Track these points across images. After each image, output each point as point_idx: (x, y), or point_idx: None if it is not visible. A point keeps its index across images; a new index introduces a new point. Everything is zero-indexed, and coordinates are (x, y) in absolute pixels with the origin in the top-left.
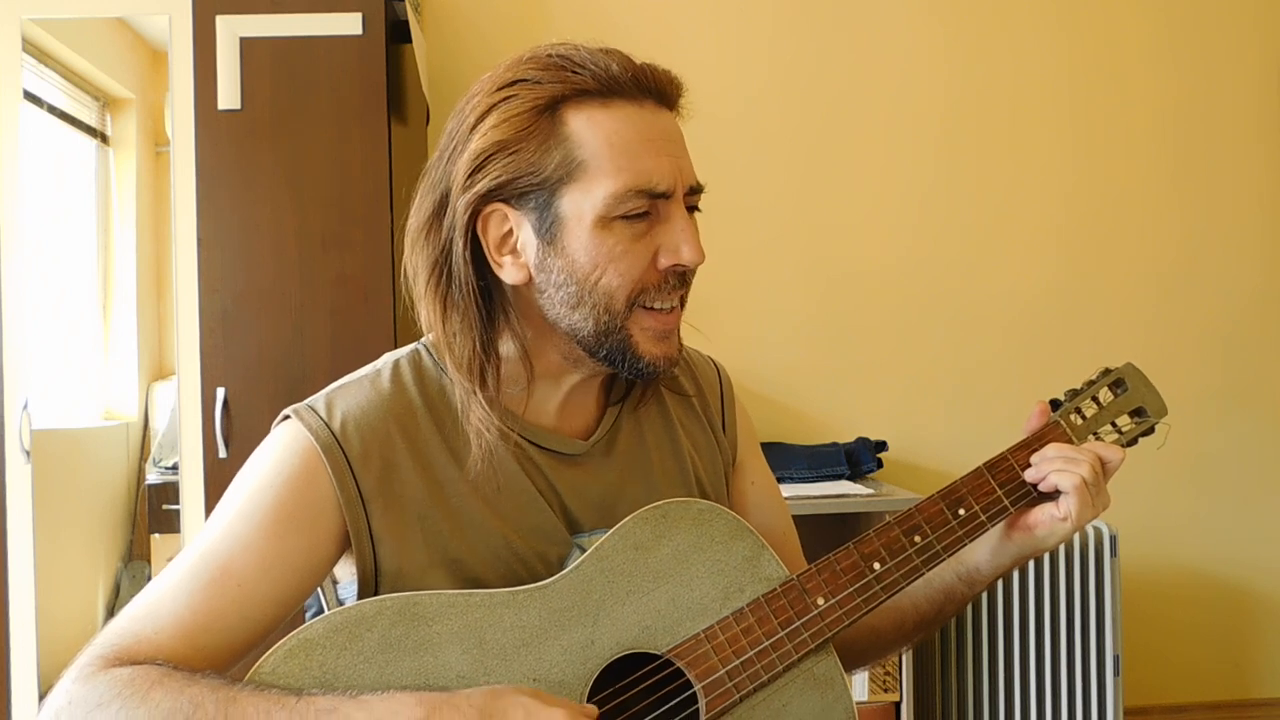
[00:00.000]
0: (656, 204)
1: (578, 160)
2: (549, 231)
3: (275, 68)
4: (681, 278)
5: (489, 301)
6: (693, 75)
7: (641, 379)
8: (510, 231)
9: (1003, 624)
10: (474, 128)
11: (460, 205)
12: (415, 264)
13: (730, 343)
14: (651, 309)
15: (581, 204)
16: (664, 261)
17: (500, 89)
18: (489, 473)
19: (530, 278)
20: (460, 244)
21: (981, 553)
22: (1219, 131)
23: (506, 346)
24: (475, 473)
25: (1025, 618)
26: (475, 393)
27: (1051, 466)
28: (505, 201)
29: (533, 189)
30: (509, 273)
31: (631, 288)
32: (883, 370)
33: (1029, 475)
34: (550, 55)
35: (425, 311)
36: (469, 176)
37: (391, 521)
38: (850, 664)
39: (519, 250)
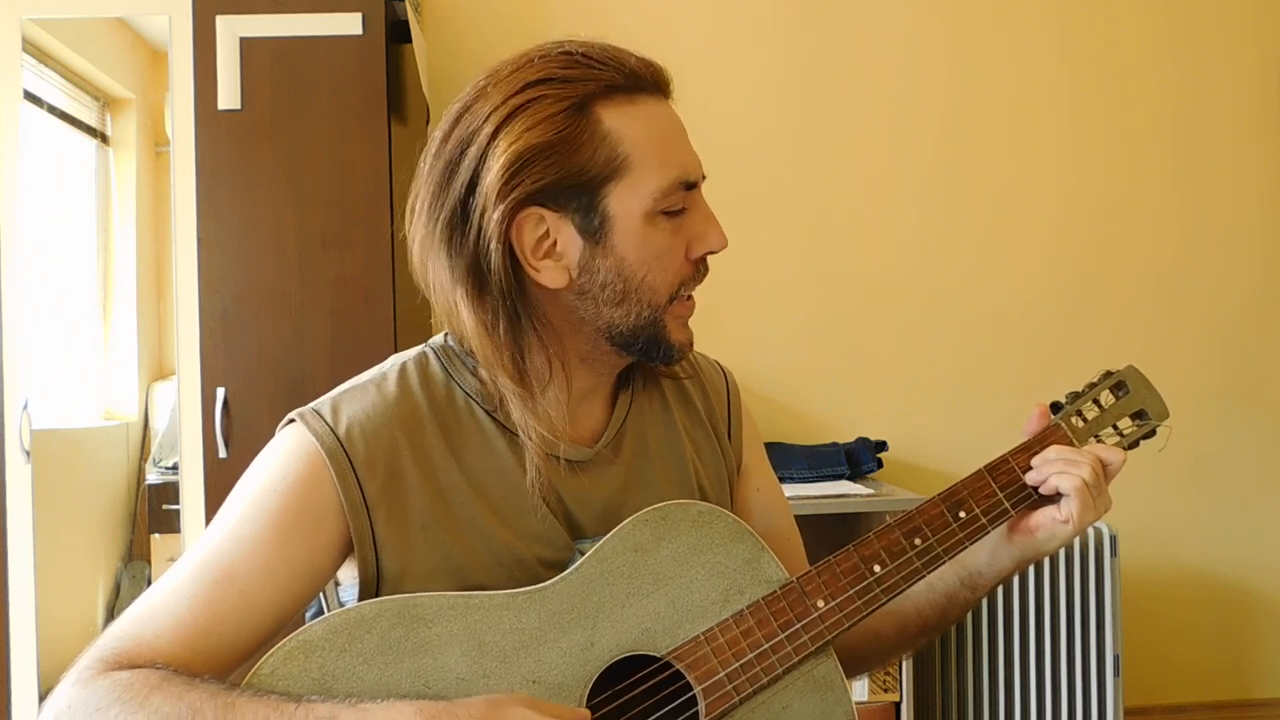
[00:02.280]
0: (686, 196)
1: (621, 157)
2: (597, 232)
3: (275, 68)
4: (705, 265)
5: (524, 306)
6: (693, 75)
7: (665, 364)
8: (547, 233)
9: (1003, 624)
10: (498, 132)
11: (498, 214)
12: (437, 273)
13: (731, 343)
14: (682, 298)
15: (628, 201)
16: (696, 250)
17: (521, 90)
18: (498, 478)
19: (571, 280)
20: (497, 253)
21: (982, 556)
22: (1219, 131)
23: (533, 351)
24: (535, 484)
25: (1025, 618)
26: (531, 401)
27: (1052, 469)
28: (542, 205)
29: (575, 190)
30: (549, 276)
31: (674, 282)
32: (883, 370)
33: (1030, 478)
34: (566, 53)
35: (469, 323)
36: (506, 183)
37: (395, 527)
38: (853, 669)
39: (559, 253)
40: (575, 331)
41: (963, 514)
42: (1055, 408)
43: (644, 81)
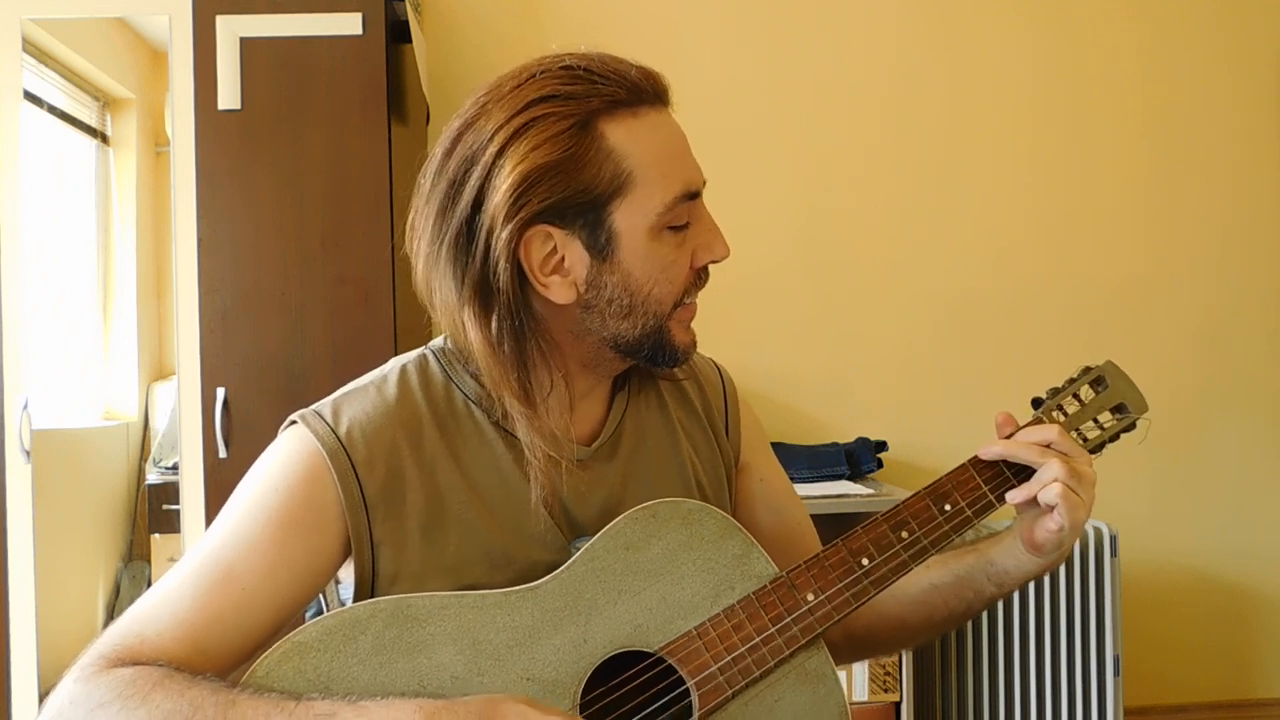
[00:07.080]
0: (690, 207)
1: (626, 173)
2: (604, 248)
3: (275, 68)
4: (706, 272)
5: (529, 321)
6: (695, 77)
7: (670, 367)
8: (554, 250)
9: (1003, 624)
10: (503, 151)
11: (506, 233)
12: (443, 292)
13: (731, 342)
14: (685, 304)
15: (634, 217)
16: (700, 259)
17: (525, 109)
18: (496, 480)
19: (578, 295)
20: (506, 271)
21: (1010, 560)
22: (1216, 128)
23: (536, 366)
24: (539, 501)
25: (1025, 618)
26: (538, 421)
27: (1029, 453)
28: (549, 223)
29: (582, 208)
30: (557, 292)
31: (678, 292)
32: (883, 370)
33: (999, 451)
34: (567, 68)
35: (477, 342)
36: (513, 203)
37: (392, 528)
38: (873, 651)
39: (567, 269)
40: (578, 341)
41: (948, 507)
42: (1036, 403)
43: (645, 93)
